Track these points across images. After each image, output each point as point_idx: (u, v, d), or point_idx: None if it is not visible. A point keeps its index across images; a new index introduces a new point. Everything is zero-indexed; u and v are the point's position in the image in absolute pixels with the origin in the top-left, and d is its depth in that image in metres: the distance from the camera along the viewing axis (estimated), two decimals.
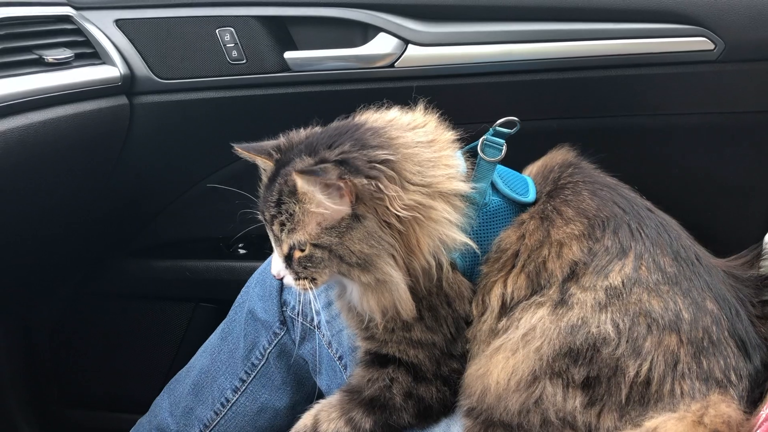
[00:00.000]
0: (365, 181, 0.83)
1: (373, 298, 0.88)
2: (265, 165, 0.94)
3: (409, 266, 0.87)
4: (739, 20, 1.32)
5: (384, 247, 0.84)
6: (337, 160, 0.84)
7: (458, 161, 0.93)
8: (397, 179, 0.85)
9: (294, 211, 0.86)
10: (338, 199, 0.83)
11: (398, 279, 0.86)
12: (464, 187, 0.90)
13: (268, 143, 0.94)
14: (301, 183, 0.83)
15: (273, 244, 0.92)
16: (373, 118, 0.96)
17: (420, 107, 0.97)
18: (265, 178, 0.93)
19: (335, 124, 0.94)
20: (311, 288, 0.89)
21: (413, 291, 0.88)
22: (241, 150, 0.95)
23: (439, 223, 0.87)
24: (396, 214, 0.83)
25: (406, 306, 0.87)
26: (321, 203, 0.83)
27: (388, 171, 0.84)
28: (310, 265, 0.88)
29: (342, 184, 0.82)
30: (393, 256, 0.85)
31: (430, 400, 0.93)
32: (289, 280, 0.91)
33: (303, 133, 0.94)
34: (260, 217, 0.93)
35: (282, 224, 0.87)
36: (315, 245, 0.86)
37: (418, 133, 0.93)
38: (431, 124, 0.96)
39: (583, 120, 1.46)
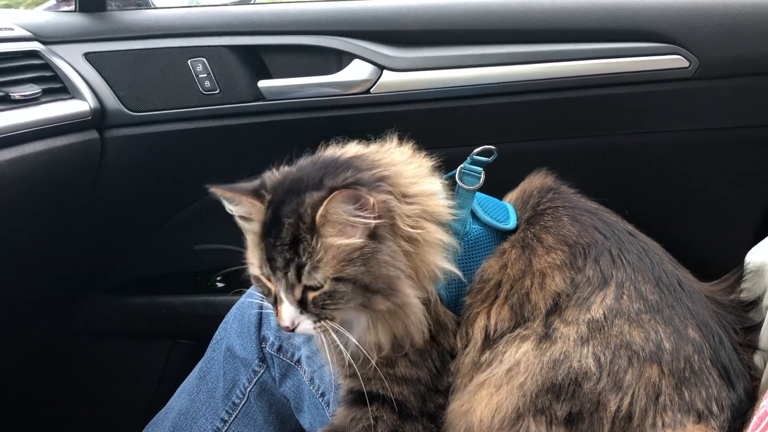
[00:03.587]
0: (382, 196, 0.81)
1: (384, 329, 0.85)
2: (250, 209, 0.86)
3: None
4: (713, 37, 1.33)
5: (402, 269, 0.83)
6: (347, 185, 0.81)
7: (437, 184, 0.91)
8: (398, 194, 0.84)
9: (314, 247, 0.81)
10: (367, 216, 0.80)
11: (416, 301, 0.84)
12: (447, 211, 0.89)
13: (247, 184, 0.88)
14: (331, 206, 0.79)
15: (281, 294, 0.84)
16: (339, 152, 0.92)
17: (394, 138, 0.96)
18: (256, 227, 0.85)
19: (309, 159, 0.90)
20: (330, 329, 0.84)
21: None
22: (222, 191, 0.86)
23: (432, 245, 0.85)
24: (406, 231, 0.83)
25: (421, 330, 0.85)
26: (347, 227, 0.80)
27: (390, 187, 0.83)
28: (329, 302, 0.82)
29: (372, 199, 0.79)
30: (411, 277, 0.83)
31: None
32: (305, 327, 0.84)
33: (277, 174, 0.89)
34: (257, 271, 0.85)
35: (300, 266, 0.81)
36: (338, 279, 0.82)
37: (394, 153, 0.92)
38: (404, 148, 0.95)
39: (561, 141, 1.46)
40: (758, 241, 0.98)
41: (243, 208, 0.87)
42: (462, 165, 0.95)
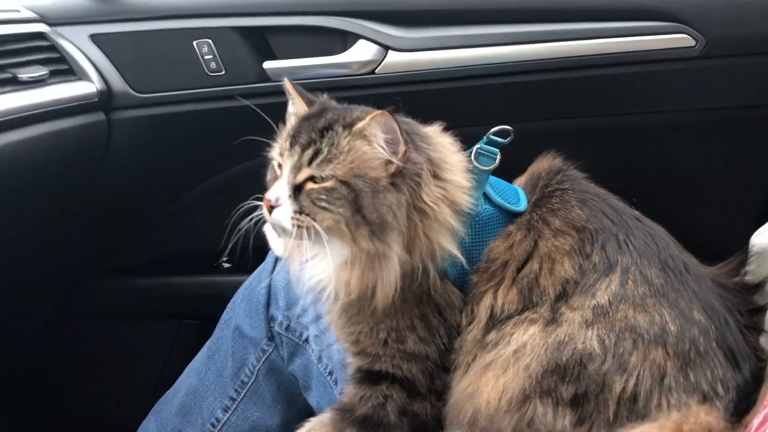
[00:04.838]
0: (417, 157, 0.86)
1: (357, 271, 0.86)
2: (299, 110, 0.95)
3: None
4: (719, 16, 1.32)
5: (400, 226, 0.85)
6: (388, 111, 0.85)
7: (469, 180, 0.93)
8: (432, 172, 0.88)
9: (340, 142, 0.85)
10: (390, 154, 0.84)
11: (396, 262, 0.85)
12: (468, 204, 0.90)
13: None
14: (371, 123, 0.84)
15: (284, 170, 0.87)
16: None
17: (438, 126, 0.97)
18: (292, 121, 0.93)
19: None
20: (307, 230, 0.85)
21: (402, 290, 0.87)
22: (289, 84, 0.96)
23: (441, 224, 0.87)
24: (420, 204, 0.86)
25: (387, 291, 0.86)
26: (375, 148, 0.84)
27: (429, 164, 0.88)
28: (324, 199, 0.84)
29: (403, 146, 0.85)
30: (403, 236, 0.85)
31: (425, 417, 0.91)
32: (283, 210, 0.85)
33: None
34: (273, 152, 0.91)
35: (317, 151, 0.85)
36: (344, 182, 0.84)
37: (444, 138, 0.95)
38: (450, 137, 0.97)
39: (566, 121, 1.45)
40: (763, 224, 0.98)
41: (294, 108, 0.96)
42: (478, 145, 0.95)
